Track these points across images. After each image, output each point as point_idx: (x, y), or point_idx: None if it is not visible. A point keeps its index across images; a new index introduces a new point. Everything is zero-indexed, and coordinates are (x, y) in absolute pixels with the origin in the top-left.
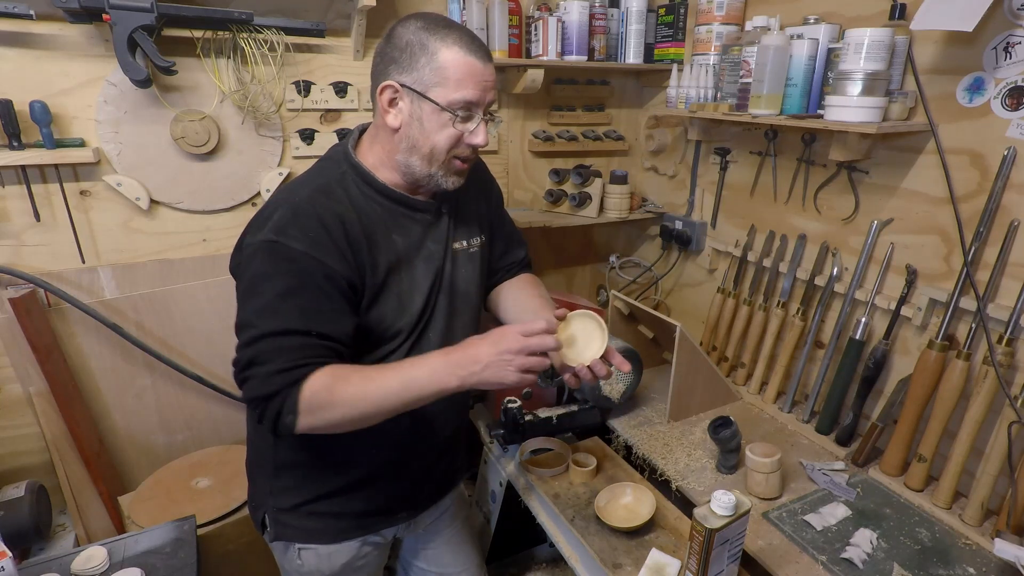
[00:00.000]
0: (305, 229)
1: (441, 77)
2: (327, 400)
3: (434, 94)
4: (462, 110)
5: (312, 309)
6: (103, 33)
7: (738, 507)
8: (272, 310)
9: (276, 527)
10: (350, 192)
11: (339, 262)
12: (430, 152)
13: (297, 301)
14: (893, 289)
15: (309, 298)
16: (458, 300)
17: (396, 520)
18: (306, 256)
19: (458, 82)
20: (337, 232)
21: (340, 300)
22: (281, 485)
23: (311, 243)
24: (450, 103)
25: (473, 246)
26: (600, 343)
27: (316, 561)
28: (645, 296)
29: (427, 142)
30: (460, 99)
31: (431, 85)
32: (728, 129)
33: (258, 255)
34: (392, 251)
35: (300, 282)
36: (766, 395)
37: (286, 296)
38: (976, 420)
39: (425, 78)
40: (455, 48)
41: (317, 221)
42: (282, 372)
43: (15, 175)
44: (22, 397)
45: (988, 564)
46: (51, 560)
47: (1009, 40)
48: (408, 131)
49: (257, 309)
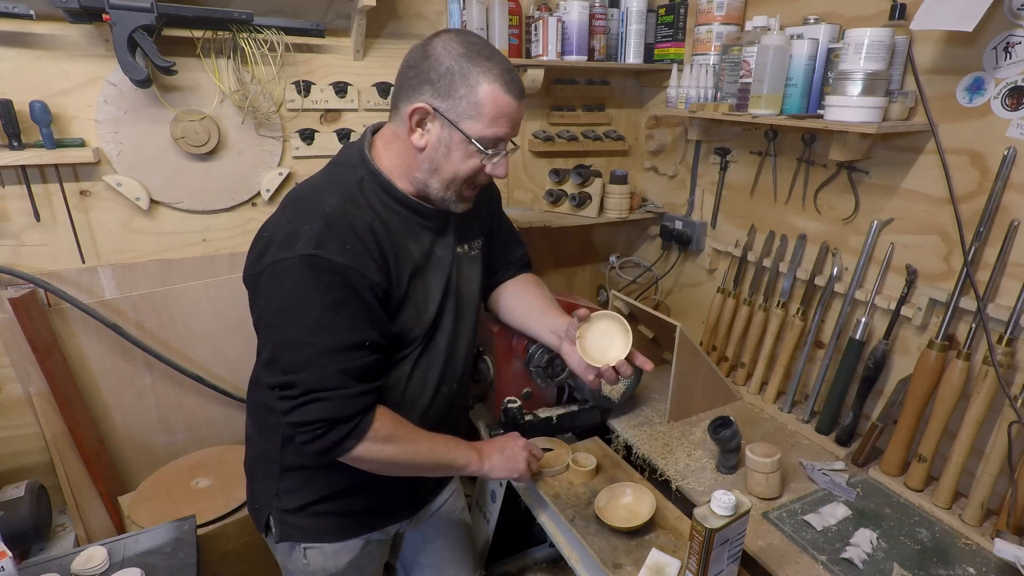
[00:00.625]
0: (343, 242)
1: (477, 112)
2: (391, 433)
3: (466, 126)
4: (491, 147)
5: (361, 319)
6: (103, 33)
7: (738, 507)
8: (323, 326)
9: (282, 528)
10: (370, 200)
11: (376, 272)
12: (451, 179)
13: (346, 313)
14: (893, 289)
15: (356, 308)
16: (463, 303)
17: (399, 516)
18: (349, 269)
19: (493, 119)
20: (371, 243)
21: (380, 309)
22: (287, 487)
23: (351, 256)
24: (481, 138)
25: (474, 248)
26: (624, 344)
27: (322, 560)
28: (645, 296)
29: (450, 169)
30: (492, 136)
31: (465, 117)
32: (728, 129)
33: (295, 270)
34: (411, 260)
35: (344, 295)
36: (766, 395)
37: (335, 309)
38: (976, 420)
39: (460, 109)
40: (496, 85)
41: (352, 233)
42: (362, 395)
43: (15, 175)
44: (22, 397)
45: (988, 564)
46: (51, 560)
47: (1009, 40)
48: (433, 154)
49: (307, 327)
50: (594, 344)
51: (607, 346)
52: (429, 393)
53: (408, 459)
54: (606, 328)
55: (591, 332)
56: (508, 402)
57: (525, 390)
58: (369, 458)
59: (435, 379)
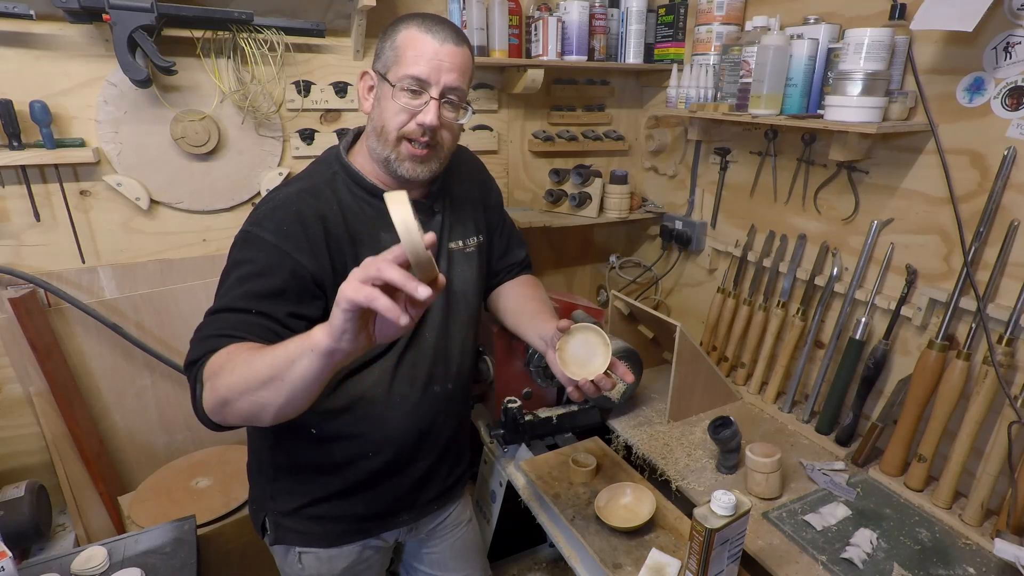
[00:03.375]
0: (279, 223)
1: (397, 55)
2: (217, 366)
3: (391, 74)
4: (412, 85)
5: (261, 295)
6: (103, 33)
7: (738, 507)
8: (227, 291)
9: (276, 531)
10: (339, 193)
11: (310, 258)
12: (382, 131)
13: (251, 286)
14: (893, 289)
15: (264, 285)
16: (455, 300)
17: (397, 523)
18: (274, 247)
19: (410, 58)
20: (315, 230)
21: (294, 290)
22: (279, 488)
23: (282, 236)
24: (399, 79)
25: (470, 246)
26: (603, 358)
27: (317, 565)
28: (645, 296)
29: (380, 120)
30: (407, 74)
31: (390, 65)
32: (728, 129)
33: (235, 244)
34: (379, 249)
35: (261, 271)
36: (766, 395)
37: (244, 280)
38: (976, 420)
39: (387, 60)
40: (412, 28)
41: (295, 217)
42: (205, 339)
43: (15, 175)
44: (22, 397)
45: (988, 564)
46: (51, 560)
47: (1009, 40)
48: (373, 113)
49: (219, 291)
50: (574, 356)
51: (587, 358)
52: (417, 391)
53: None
54: (585, 340)
55: (571, 344)
56: (508, 402)
57: (525, 390)
58: (217, 401)
59: (423, 377)
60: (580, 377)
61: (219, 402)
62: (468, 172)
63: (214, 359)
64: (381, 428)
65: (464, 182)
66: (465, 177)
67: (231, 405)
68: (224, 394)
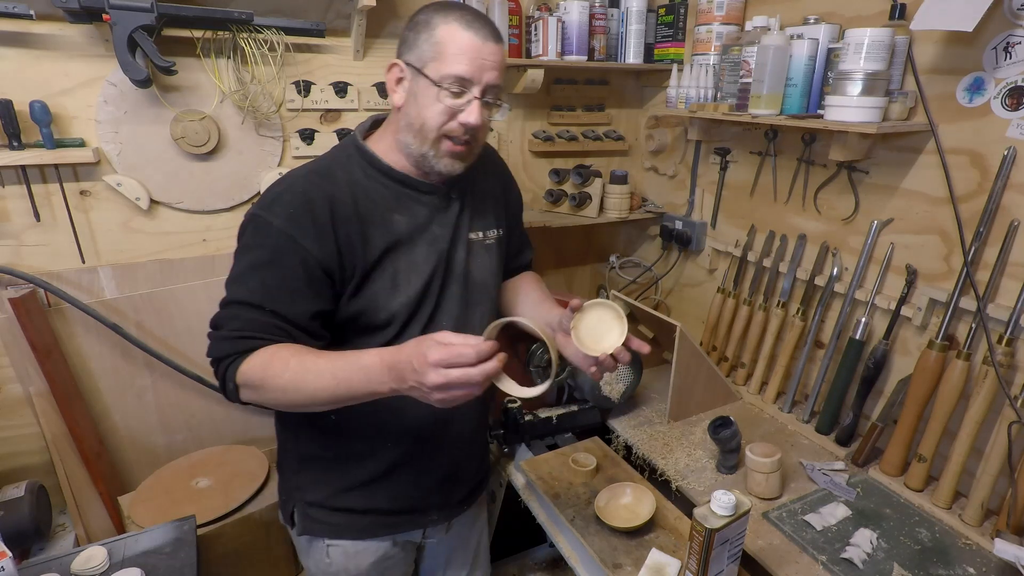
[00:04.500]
0: (287, 206)
1: (437, 52)
2: (259, 380)
3: (429, 69)
4: (454, 85)
5: (273, 286)
6: (103, 33)
7: (738, 507)
8: (240, 280)
9: (304, 521)
10: (352, 174)
11: (316, 243)
12: (421, 128)
13: (262, 275)
14: (893, 289)
15: (274, 274)
16: (474, 290)
17: (426, 521)
18: (281, 233)
19: (453, 56)
20: (322, 211)
21: (305, 282)
22: (305, 479)
23: (289, 220)
24: (442, 77)
25: (490, 238)
26: (620, 332)
27: (344, 560)
28: (645, 296)
29: (419, 118)
30: (451, 73)
31: (428, 60)
32: (728, 129)
33: (245, 228)
34: (391, 231)
35: (270, 258)
36: (766, 395)
37: (255, 268)
38: (976, 420)
39: (423, 53)
40: (453, 23)
41: (303, 199)
42: (231, 339)
43: (15, 175)
44: (22, 397)
45: (988, 564)
46: (51, 560)
47: (1009, 40)
48: (407, 108)
49: (232, 277)
50: (589, 333)
51: (602, 334)
52: None
53: (294, 402)
54: (600, 316)
55: (585, 321)
56: (508, 402)
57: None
58: (259, 403)
59: None
60: (599, 352)
61: (264, 404)
62: (492, 168)
63: (251, 370)
64: (398, 418)
65: (489, 177)
66: (489, 172)
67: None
68: (272, 404)
